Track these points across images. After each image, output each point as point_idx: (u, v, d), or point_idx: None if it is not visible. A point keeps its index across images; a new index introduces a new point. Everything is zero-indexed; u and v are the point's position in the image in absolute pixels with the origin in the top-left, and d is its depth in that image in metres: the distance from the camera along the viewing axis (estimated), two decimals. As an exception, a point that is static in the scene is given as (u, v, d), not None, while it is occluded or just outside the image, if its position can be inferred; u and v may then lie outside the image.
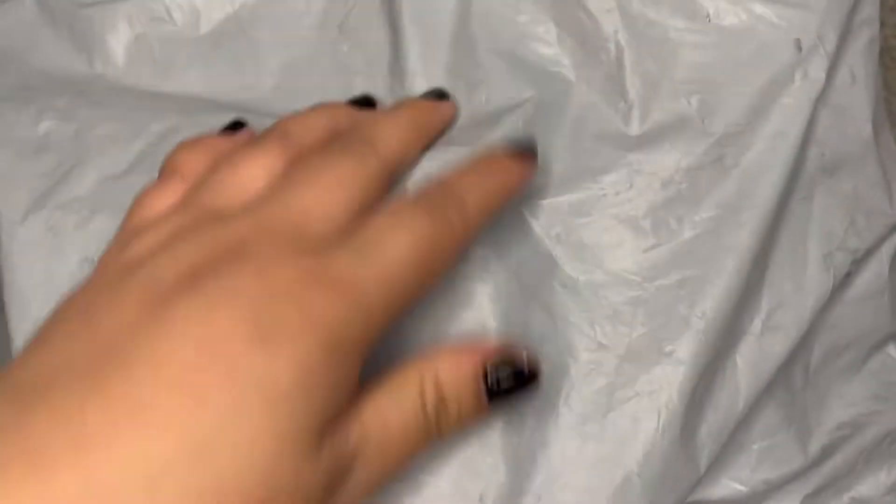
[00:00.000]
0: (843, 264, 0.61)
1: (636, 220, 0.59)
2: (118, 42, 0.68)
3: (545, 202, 0.59)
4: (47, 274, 0.59)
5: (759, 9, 0.62)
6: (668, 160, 0.60)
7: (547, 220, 0.59)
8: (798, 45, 0.60)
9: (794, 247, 0.60)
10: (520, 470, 0.54)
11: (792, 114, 0.60)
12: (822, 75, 0.60)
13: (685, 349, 0.57)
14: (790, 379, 0.61)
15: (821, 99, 0.61)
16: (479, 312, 0.56)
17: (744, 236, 0.58)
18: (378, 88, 0.65)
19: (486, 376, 0.46)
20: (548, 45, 0.63)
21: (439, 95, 0.61)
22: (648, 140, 0.61)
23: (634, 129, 0.62)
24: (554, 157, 0.60)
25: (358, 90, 0.64)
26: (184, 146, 0.53)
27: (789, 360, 0.60)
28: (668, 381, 0.56)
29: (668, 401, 0.56)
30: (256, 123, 0.60)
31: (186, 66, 0.68)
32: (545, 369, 0.52)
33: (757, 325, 0.60)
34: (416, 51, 0.64)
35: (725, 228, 0.59)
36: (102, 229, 0.59)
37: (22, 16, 0.68)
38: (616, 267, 0.59)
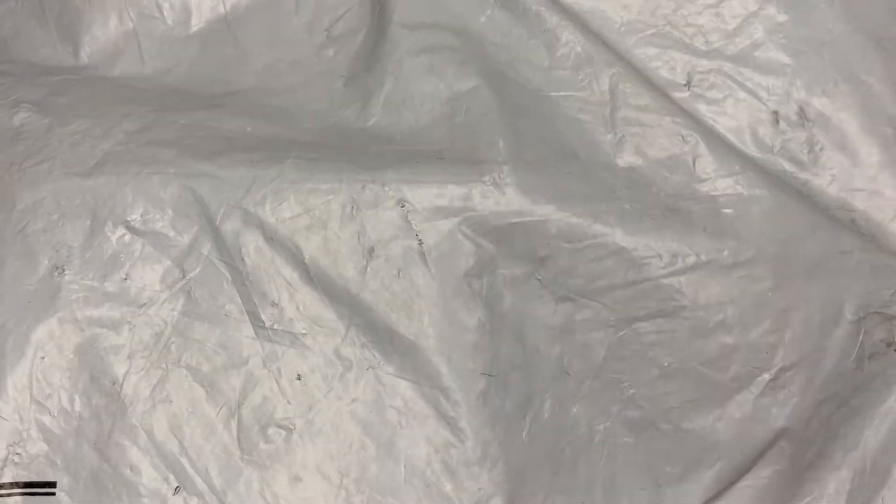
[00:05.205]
0: (879, 329, 0.57)
1: (625, 251, 0.57)
2: (106, 35, 0.67)
3: (533, 220, 0.58)
4: (16, 279, 0.57)
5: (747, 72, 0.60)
6: (658, 197, 0.59)
7: (533, 240, 0.58)
8: (775, 118, 0.59)
9: (827, 304, 0.57)
10: None
11: (780, 175, 0.59)
12: (805, 149, 0.59)
13: (645, 397, 0.57)
14: None
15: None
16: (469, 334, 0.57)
17: (735, 284, 0.56)
18: (359, 91, 0.63)
19: None
20: (540, 71, 0.62)
21: None
22: (638, 174, 0.59)
23: (623, 160, 0.60)
24: (544, 177, 0.59)
25: (339, 94, 0.63)
26: None
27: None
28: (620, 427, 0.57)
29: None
30: (231, 120, 0.61)
31: (172, 64, 0.66)
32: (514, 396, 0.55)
33: (759, 383, 0.57)
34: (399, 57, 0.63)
35: (714, 273, 0.57)
36: (71, 235, 0.57)
37: (10, 5, 0.67)
38: (597, 299, 0.58)
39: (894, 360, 0.56)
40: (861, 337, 0.56)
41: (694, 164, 0.58)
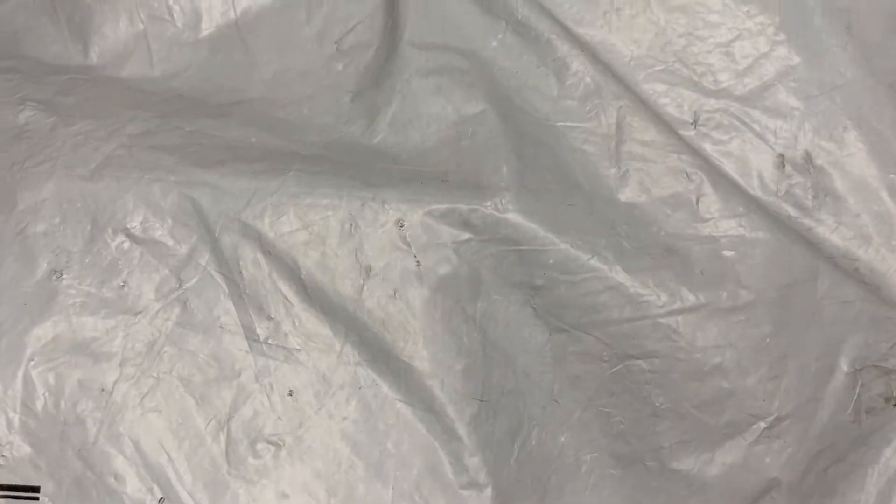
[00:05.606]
0: (877, 383, 0.56)
1: (622, 287, 0.57)
2: (116, 35, 0.66)
3: (531, 249, 0.57)
4: (14, 280, 0.57)
5: (755, 113, 0.60)
6: (658, 237, 0.58)
7: (530, 269, 0.58)
8: (781, 162, 0.58)
9: (824, 353, 0.56)
10: None
11: (784, 220, 0.58)
12: (810, 195, 0.58)
13: (635, 434, 0.56)
14: None
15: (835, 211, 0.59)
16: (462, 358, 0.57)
17: (733, 328, 0.56)
18: (366, 108, 0.63)
19: None
20: (548, 99, 0.61)
21: None
22: (640, 211, 0.59)
23: (626, 195, 0.59)
24: (546, 207, 0.58)
25: (346, 109, 0.63)
26: None
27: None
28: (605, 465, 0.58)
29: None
30: (236, 130, 0.60)
31: (181, 68, 0.66)
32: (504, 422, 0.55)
33: (754, 431, 0.56)
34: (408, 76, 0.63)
35: (712, 315, 0.56)
36: (72, 240, 0.57)
37: (23, 1, 0.67)
38: (592, 333, 0.57)
39: (893, 416, 0.55)
40: (857, 389, 0.55)
41: (697, 203, 0.57)
